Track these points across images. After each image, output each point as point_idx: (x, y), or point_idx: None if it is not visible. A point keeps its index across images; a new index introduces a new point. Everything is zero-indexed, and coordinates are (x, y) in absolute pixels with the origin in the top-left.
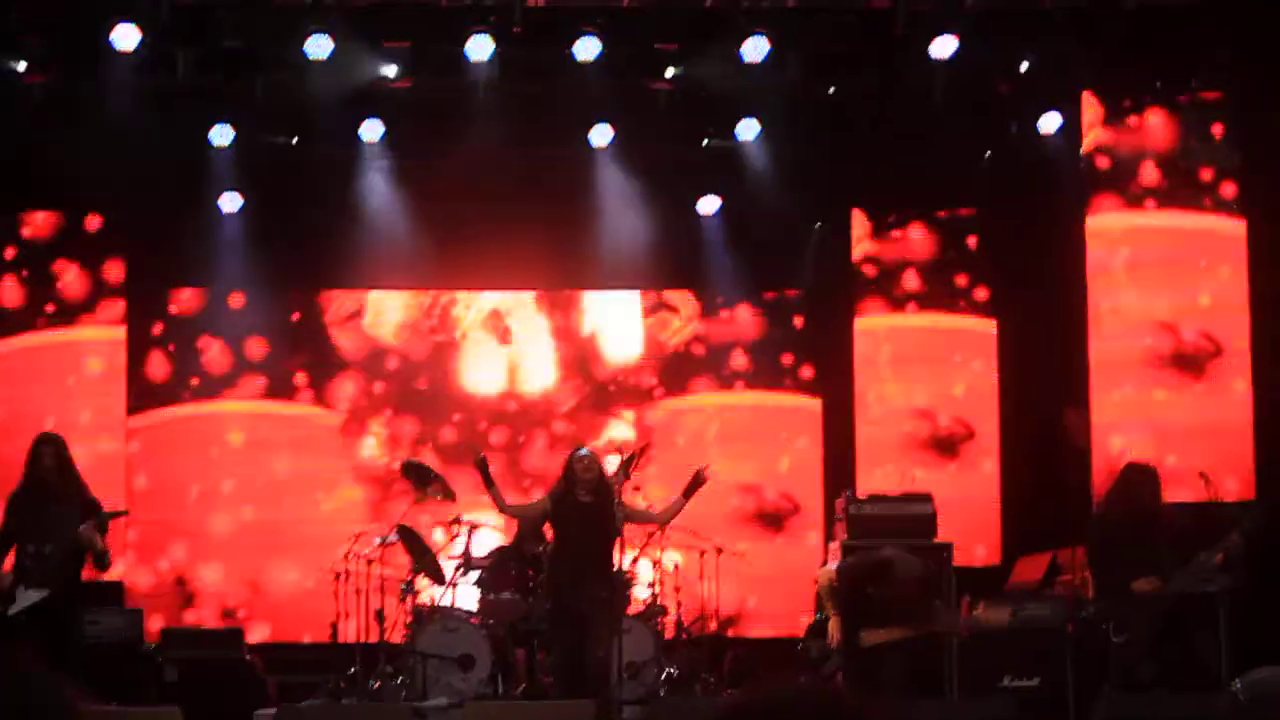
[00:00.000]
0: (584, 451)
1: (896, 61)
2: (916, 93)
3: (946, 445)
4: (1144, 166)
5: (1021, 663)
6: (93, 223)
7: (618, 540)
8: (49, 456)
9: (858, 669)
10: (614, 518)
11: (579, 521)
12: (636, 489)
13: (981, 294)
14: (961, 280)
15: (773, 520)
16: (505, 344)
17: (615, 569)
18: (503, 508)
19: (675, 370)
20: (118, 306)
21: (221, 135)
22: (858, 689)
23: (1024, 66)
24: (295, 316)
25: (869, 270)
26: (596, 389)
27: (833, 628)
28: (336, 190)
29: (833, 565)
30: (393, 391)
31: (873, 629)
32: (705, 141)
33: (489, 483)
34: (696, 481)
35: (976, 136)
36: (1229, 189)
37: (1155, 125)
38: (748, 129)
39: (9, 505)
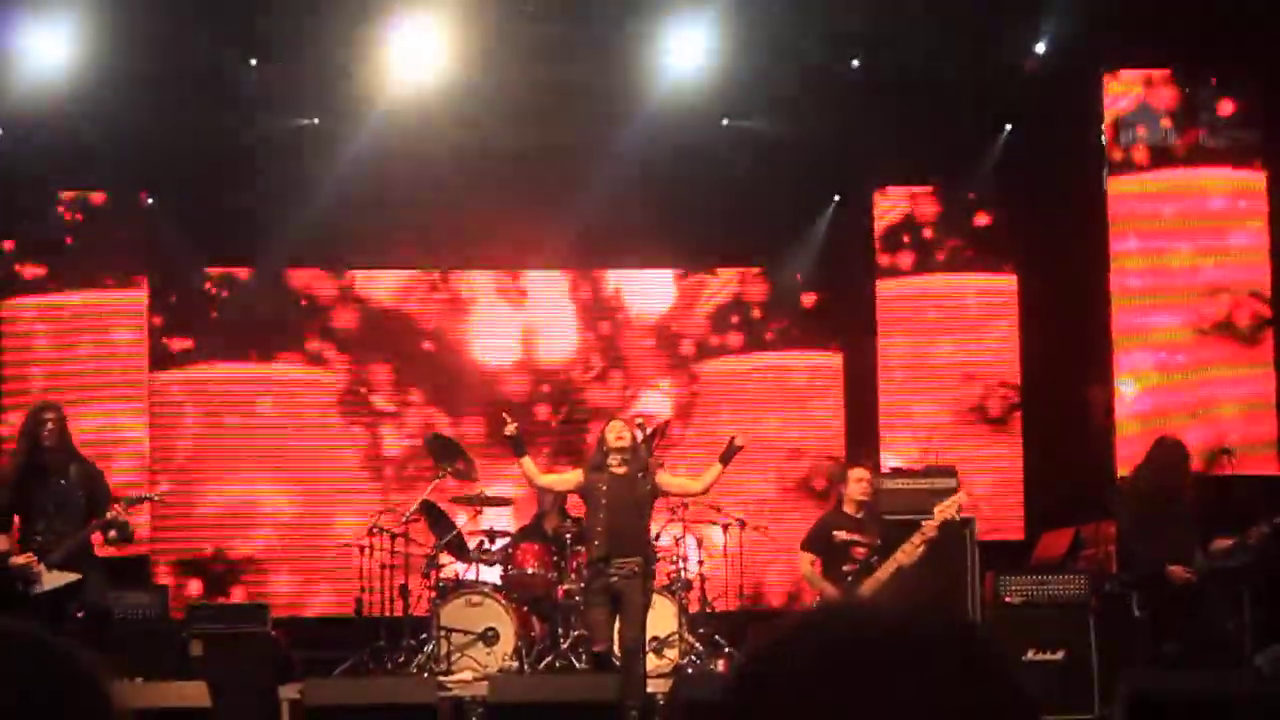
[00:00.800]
0: (617, 422)
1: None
2: (935, 65)
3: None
4: (1161, 134)
5: (1046, 637)
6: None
7: (650, 513)
8: (50, 425)
9: None
10: (646, 489)
11: (611, 493)
12: (660, 465)
13: (1003, 267)
14: (982, 254)
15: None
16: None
17: (649, 543)
18: (536, 481)
19: (704, 338)
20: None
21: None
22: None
23: (1042, 42)
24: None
25: (889, 240)
26: (622, 358)
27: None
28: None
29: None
30: (412, 367)
31: (861, 583)
32: (725, 121)
33: (521, 454)
34: (732, 448)
35: (995, 110)
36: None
37: (1171, 96)
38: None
39: (11, 478)
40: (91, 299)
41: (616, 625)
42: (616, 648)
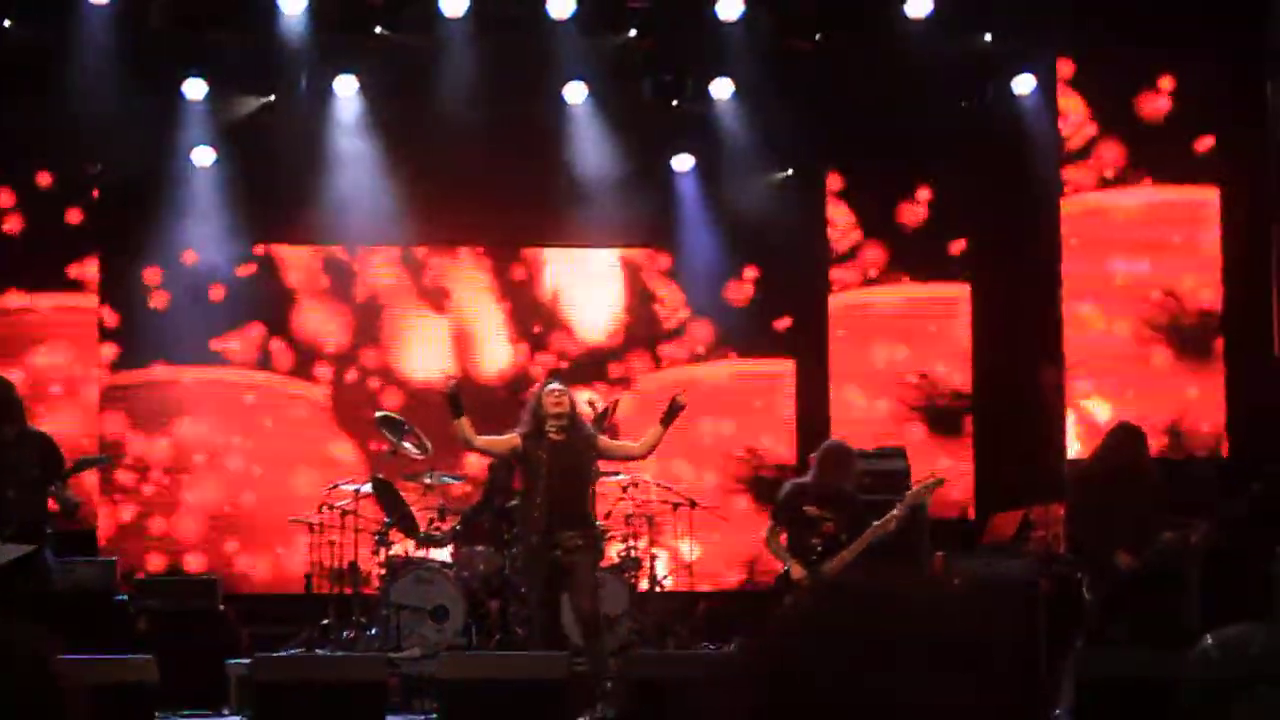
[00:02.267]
0: (554, 385)
1: (870, 21)
2: (891, 53)
3: (935, 415)
4: (1116, 127)
5: None
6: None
7: (593, 482)
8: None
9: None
10: (588, 457)
11: (550, 461)
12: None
13: (955, 254)
14: (935, 240)
15: (752, 483)
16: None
17: (591, 513)
18: (469, 442)
19: (650, 335)
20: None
21: (194, 89)
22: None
23: (991, 30)
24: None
25: (842, 229)
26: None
27: (795, 572)
28: (307, 145)
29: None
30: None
31: (827, 560)
32: (675, 102)
33: (458, 412)
34: (674, 408)
35: (951, 98)
36: (1203, 152)
37: (1130, 88)
38: (722, 88)
39: None
40: None
41: (565, 602)
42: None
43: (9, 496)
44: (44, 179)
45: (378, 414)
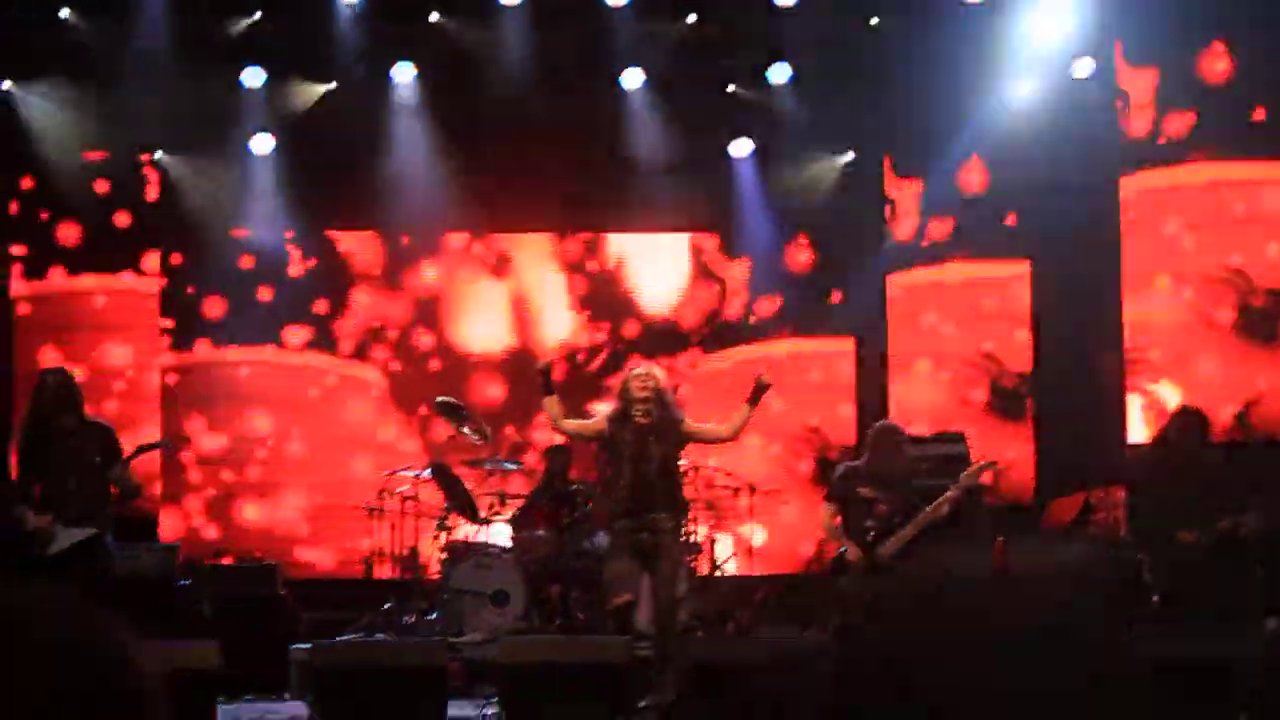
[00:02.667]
0: (641, 369)
1: (928, 7)
2: (947, 38)
3: (996, 396)
4: (1176, 111)
5: None
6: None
7: (679, 465)
8: (49, 390)
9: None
10: (675, 441)
11: (636, 445)
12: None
13: (1015, 238)
14: (993, 223)
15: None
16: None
17: (681, 496)
18: (556, 422)
19: (712, 317)
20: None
21: (253, 77)
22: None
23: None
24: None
25: (900, 214)
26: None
27: (851, 553)
28: (367, 132)
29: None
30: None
31: (882, 542)
32: (730, 87)
33: (549, 391)
34: (760, 388)
35: (1008, 83)
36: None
37: (1187, 70)
38: (779, 73)
39: (19, 444)
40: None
41: (644, 581)
42: (642, 613)
43: (70, 485)
44: (103, 169)
45: (438, 399)
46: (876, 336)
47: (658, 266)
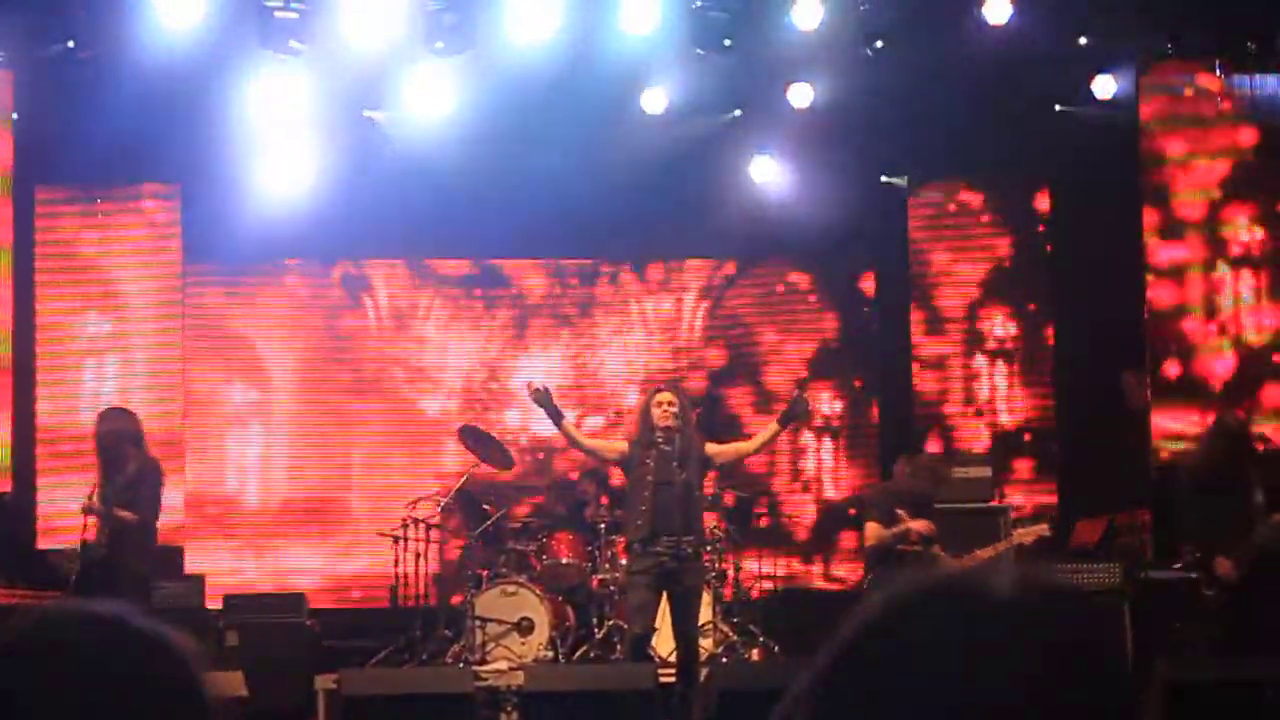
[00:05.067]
0: (663, 393)
1: (951, 26)
2: (971, 58)
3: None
4: (1202, 129)
5: None
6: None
7: (703, 490)
8: (103, 429)
9: None
10: (697, 466)
11: (659, 470)
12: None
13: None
14: (1017, 254)
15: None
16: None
17: (698, 523)
18: (577, 442)
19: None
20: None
21: None
22: None
23: (1082, 33)
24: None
25: (927, 236)
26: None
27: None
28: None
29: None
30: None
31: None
32: (737, 112)
33: (556, 415)
34: (796, 408)
35: (1033, 102)
36: None
37: (1214, 89)
38: (801, 94)
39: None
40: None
41: (662, 610)
42: (662, 640)
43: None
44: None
45: (462, 426)
46: (902, 344)
47: (682, 293)
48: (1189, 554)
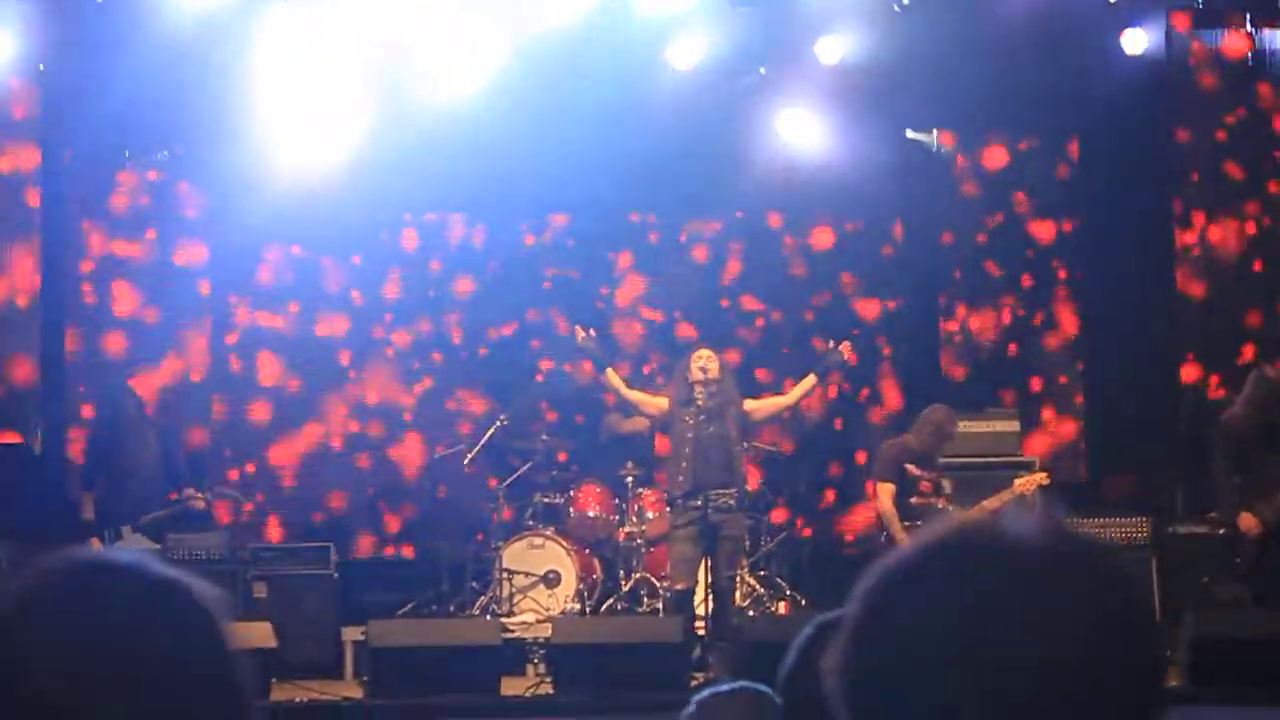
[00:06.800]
0: (701, 350)
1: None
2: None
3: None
4: (1234, 85)
5: None
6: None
7: (742, 445)
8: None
9: None
10: (735, 422)
11: (699, 428)
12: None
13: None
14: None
15: None
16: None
17: (740, 476)
18: (619, 392)
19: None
20: None
21: None
22: None
23: None
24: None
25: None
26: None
27: (896, 529)
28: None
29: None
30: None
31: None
32: (761, 69)
33: (602, 367)
34: (830, 358)
35: (1063, 57)
36: None
37: (1244, 44)
38: (827, 49)
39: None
40: None
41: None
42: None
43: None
44: None
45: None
46: (929, 304)
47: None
48: (1228, 506)
